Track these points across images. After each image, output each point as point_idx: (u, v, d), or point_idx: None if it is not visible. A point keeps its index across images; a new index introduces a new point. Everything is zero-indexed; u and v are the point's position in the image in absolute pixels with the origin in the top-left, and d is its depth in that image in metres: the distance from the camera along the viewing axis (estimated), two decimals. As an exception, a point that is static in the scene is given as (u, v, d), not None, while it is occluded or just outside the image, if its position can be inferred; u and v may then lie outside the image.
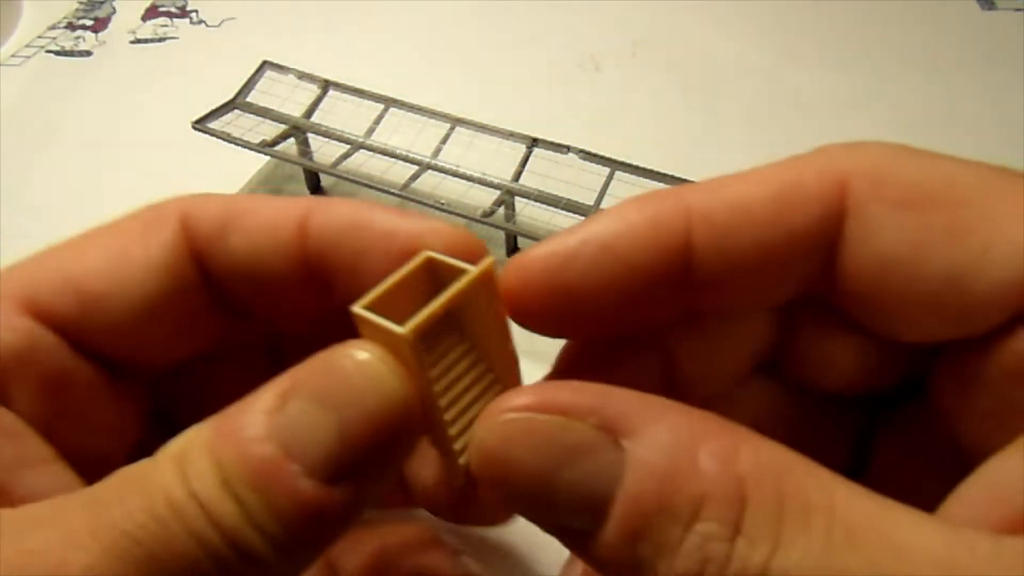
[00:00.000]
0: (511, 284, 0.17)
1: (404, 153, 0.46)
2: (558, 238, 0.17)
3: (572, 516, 0.14)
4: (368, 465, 0.15)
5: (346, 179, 0.44)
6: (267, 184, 0.51)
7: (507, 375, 0.18)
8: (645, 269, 0.16)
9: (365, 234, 0.19)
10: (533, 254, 0.17)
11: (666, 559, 0.13)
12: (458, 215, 0.41)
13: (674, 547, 0.13)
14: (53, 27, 0.67)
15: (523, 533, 0.32)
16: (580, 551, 0.14)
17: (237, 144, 0.45)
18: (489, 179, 0.44)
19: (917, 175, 0.15)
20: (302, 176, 0.50)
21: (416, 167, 0.45)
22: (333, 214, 0.20)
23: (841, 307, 0.17)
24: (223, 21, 0.67)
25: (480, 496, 0.20)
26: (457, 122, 0.46)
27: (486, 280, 0.17)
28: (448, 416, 0.17)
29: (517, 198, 0.44)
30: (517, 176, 0.44)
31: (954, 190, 0.15)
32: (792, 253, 0.16)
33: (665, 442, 0.14)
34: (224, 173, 0.50)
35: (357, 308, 0.16)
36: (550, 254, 0.17)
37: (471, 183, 0.44)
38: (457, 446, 0.17)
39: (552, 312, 0.17)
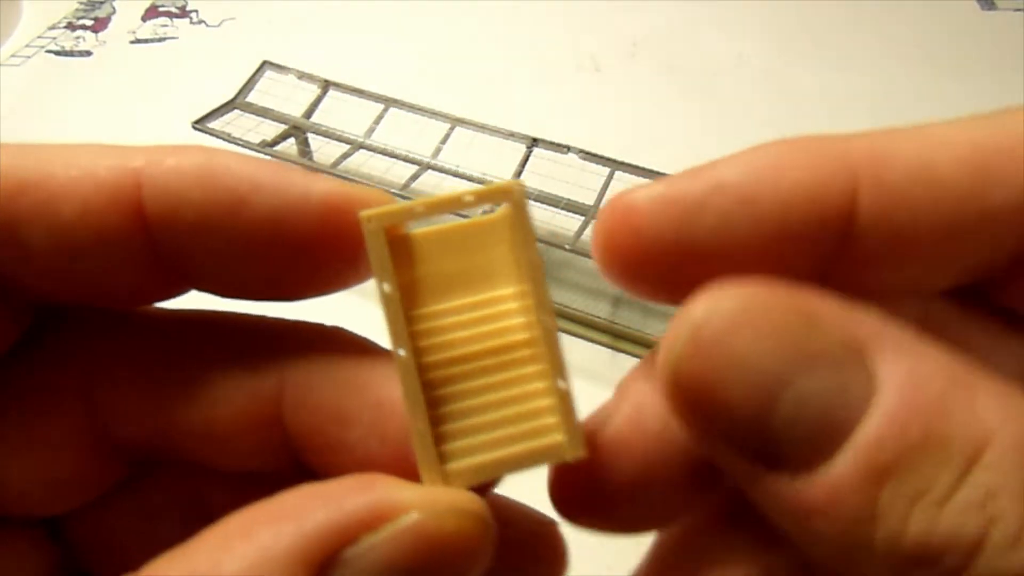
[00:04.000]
0: (611, 226, 0.14)
1: (404, 153, 0.46)
2: (678, 180, 0.13)
3: (790, 438, 0.12)
4: None
5: (346, 179, 0.44)
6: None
7: (541, 357, 0.14)
8: (792, 233, 0.13)
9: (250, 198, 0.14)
10: (645, 195, 0.13)
11: (925, 511, 0.11)
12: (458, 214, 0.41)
13: (940, 497, 0.11)
14: (53, 27, 0.67)
15: None
16: (773, 490, 0.12)
17: (237, 144, 0.45)
18: (489, 179, 0.44)
19: None
20: (302, 176, 0.50)
21: (416, 167, 0.45)
22: (177, 173, 0.14)
23: (1008, 304, 0.14)
24: (223, 21, 0.67)
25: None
26: (457, 122, 0.46)
27: (509, 197, 0.14)
28: (442, 392, 0.14)
29: (517, 198, 0.44)
30: (517, 176, 0.44)
31: None
32: (983, 234, 0.13)
33: (930, 372, 0.11)
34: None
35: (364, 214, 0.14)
36: (669, 199, 0.13)
37: (471, 183, 0.44)
38: (450, 446, 0.14)
39: (657, 272, 0.14)
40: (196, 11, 0.69)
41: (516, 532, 0.15)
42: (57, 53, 0.64)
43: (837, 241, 0.13)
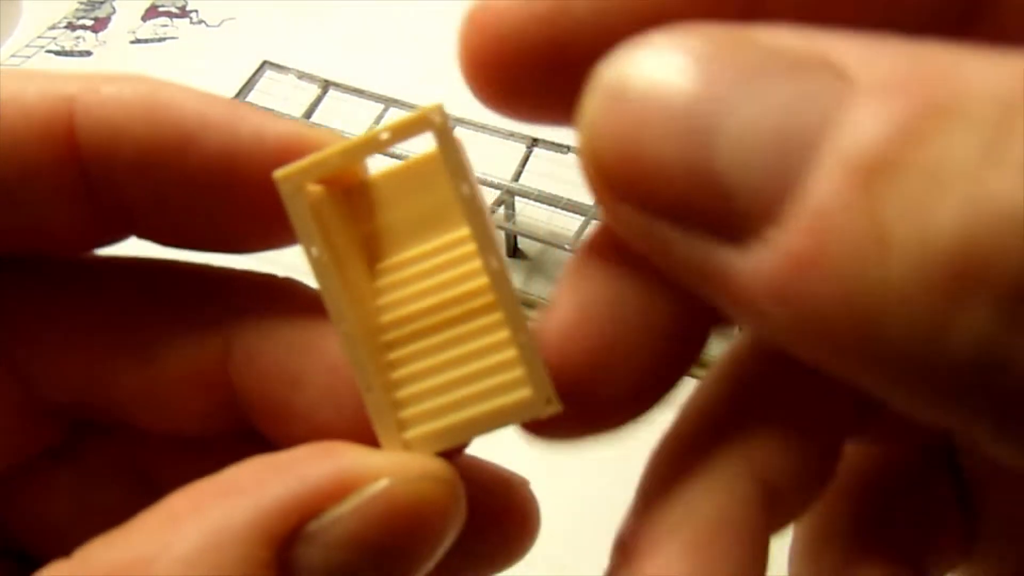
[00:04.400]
0: (473, 39, 0.11)
1: (404, 153, 0.46)
2: None
3: (743, 181, 0.09)
4: None
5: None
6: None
7: (498, 304, 0.12)
8: (673, 11, 0.10)
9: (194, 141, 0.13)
10: None
11: (960, 187, 0.08)
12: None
13: (976, 164, 0.08)
14: (53, 27, 0.67)
15: None
16: (741, 272, 0.09)
17: (237, 144, 0.45)
18: (489, 179, 0.44)
19: None
20: (302, 176, 0.50)
21: (416, 167, 0.45)
22: (116, 103, 0.13)
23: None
24: (223, 21, 0.67)
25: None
26: (457, 122, 0.46)
27: (430, 125, 0.12)
28: (400, 353, 0.13)
29: (517, 198, 0.44)
30: (517, 176, 0.44)
31: None
32: None
33: (919, 51, 0.08)
34: (224, 173, 0.50)
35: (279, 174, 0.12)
36: None
37: (471, 183, 0.44)
38: (409, 411, 0.12)
39: (537, 83, 0.12)
40: (196, 11, 0.69)
41: (483, 494, 0.14)
42: (57, 53, 0.65)
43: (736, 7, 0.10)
